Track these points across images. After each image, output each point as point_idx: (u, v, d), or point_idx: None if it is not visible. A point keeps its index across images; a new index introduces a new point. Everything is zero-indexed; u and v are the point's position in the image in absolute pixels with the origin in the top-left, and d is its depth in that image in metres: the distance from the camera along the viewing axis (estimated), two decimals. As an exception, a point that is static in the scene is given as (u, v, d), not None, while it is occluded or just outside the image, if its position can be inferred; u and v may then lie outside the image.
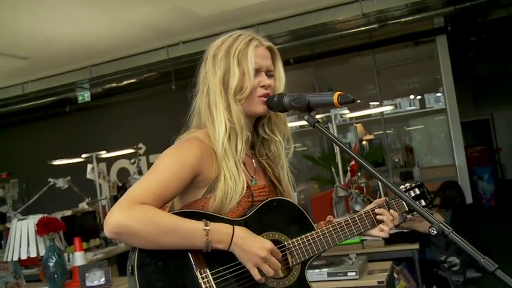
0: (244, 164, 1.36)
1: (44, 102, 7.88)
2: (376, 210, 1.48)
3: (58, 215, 3.75)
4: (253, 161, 1.44)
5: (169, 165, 1.25)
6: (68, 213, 4.87)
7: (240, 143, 1.32)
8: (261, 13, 5.39)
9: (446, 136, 7.02)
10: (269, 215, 1.35)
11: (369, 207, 1.51)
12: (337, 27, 5.97)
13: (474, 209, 5.99)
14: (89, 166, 5.45)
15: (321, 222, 1.50)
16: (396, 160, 9.38)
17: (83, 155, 5.51)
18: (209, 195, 1.29)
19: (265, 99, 1.34)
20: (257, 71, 1.34)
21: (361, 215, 1.47)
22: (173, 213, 1.21)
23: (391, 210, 1.49)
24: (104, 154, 5.58)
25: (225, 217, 1.28)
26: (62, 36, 5.35)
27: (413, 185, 1.62)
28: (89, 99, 7.44)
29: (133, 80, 7.07)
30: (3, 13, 4.66)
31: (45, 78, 7.22)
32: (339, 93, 1.19)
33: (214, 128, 1.32)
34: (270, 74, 1.37)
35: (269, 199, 1.38)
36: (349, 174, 4.20)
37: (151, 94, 7.70)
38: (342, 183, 4.31)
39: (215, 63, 1.35)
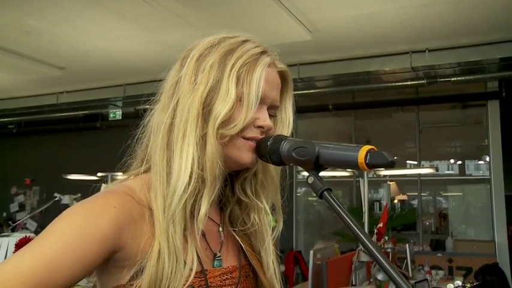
0: (203, 234, 0.86)
1: (76, 115, 7.94)
2: None
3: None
4: (221, 229, 0.94)
5: (63, 235, 0.73)
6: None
7: (205, 204, 0.82)
8: (303, 52, 5.14)
9: (485, 208, 6.52)
10: None
11: None
12: (382, 78, 5.70)
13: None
14: (103, 186, 5.21)
15: None
16: (427, 224, 8.81)
17: (99, 174, 5.32)
18: (136, 282, 0.78)
19: (255, 144, 0.87)
20: (260, 103, 0.86)
21: None
22: None
23: None
24: (120, 176, 5.35)
25: None
26: (98, 50, 5.29)
27: (467, 286, 1.17)
28: (120, 117, 7.39)
29: (166, 105, 6.94)
30: (43, 23, 4.66)
31: (80, 91, 7.23)
32: (368, 147, 0.72)
33: (167, 171, 0.82)
34: (272, 111, 0.91)
35: None
36: (375, 237, 3.79)
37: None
38: (366, 246, 3.88)
39: (198, 69, 0.84)
